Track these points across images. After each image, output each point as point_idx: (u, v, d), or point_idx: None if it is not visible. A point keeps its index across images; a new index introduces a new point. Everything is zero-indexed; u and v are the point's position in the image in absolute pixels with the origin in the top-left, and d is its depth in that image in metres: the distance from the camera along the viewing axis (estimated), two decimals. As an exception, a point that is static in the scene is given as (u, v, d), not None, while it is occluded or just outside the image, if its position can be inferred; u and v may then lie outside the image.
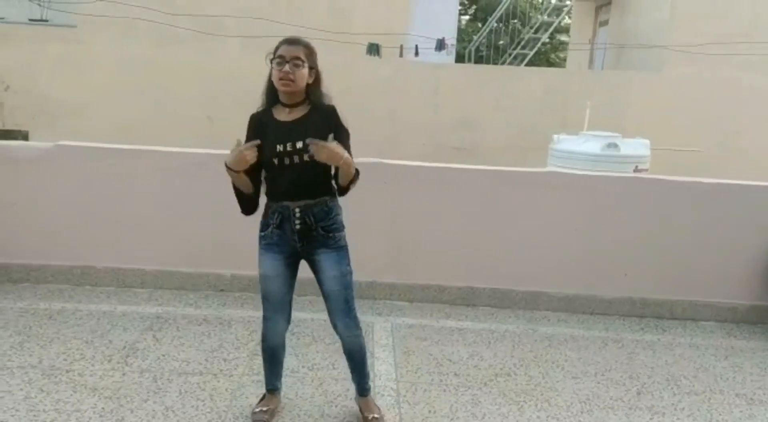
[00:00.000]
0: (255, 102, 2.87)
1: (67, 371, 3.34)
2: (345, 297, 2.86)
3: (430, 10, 11.45)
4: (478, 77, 10.82)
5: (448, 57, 11.36)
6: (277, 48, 2.72)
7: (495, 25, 14.18)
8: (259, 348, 3.64)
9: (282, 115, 2.77)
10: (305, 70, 2.70)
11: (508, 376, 3.61)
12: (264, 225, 2.85)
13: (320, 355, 3.70)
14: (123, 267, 4.56)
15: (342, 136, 2.71)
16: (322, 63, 2.82)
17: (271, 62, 2.70)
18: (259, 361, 3.51)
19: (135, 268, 4.56)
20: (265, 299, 2.92)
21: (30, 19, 12.63)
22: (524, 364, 3.77)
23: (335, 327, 2.94)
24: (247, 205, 2.89)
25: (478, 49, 14.53)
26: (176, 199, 4.53)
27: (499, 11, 14.05)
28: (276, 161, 2.70)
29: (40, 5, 11.29)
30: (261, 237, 2.87)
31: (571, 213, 4.59)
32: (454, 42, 12.18)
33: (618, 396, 3.46)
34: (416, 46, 10.19)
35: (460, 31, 20.83)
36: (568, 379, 3.62)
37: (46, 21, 11.83)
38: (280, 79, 2.66)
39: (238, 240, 4.56)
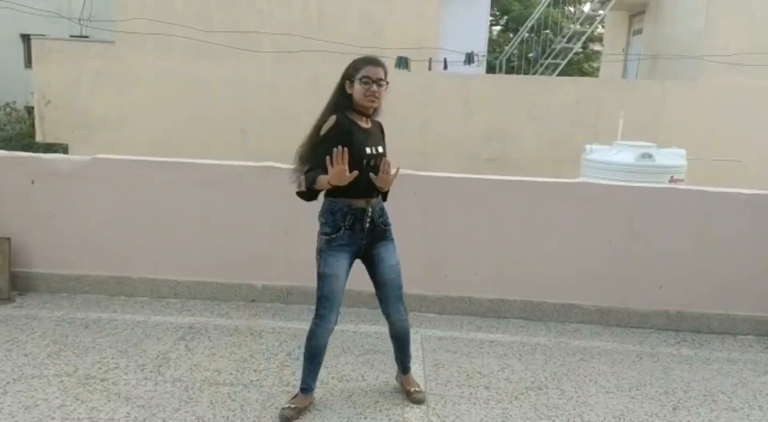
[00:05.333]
0: (287, 115, 2.96)
1: (102, 380, 3.41)
2: (399, 284, 3.19)
3: (460, 23, 11.48)
4: (510, 87, 10.75)
5: (478, 68, 11.33)
6: (358, 68, 2.99)
7: (527, 35, 14.10)
8: (289, 359, 3.70)
9: (361, 122, 3.05)
10: (386, 89, 3.04)
11: (540, 390, 3.56)
12: (334, 228, 3.02)
13: (350, 367, 3.70)
14: (157, 277, 4.65)
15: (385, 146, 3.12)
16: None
17: (351, 79, 2.99)
18: (289, 372, 3.56)
19: (169, 279, 4.64)
20: (326, 298, 3.05)
21: (71, 36, 13.05)
22: (556, 378, 3.72)
23: (388, 314, 3.22)
24: (313, 198, 3.04)
25: (509, 60, 14.46)
26: (210, 211, 4.60)
27: (531, 21, 13.99)
28: (364, 162, 2.97)
29: (80, 23, 11.63)
30: (330, 240, 3.03)
31: (604, 225, 4.53)
32: (485, 53, 12.14)
33: (653, 412, 3.38)
34: (444, 60, 10.17)
35: (491, 41, 20.81)
36: (601, 394, 3.56)
37: (87, 37, 12.21)
38: (366, 96, 2.97)
39: (270, 251, 4.64)
